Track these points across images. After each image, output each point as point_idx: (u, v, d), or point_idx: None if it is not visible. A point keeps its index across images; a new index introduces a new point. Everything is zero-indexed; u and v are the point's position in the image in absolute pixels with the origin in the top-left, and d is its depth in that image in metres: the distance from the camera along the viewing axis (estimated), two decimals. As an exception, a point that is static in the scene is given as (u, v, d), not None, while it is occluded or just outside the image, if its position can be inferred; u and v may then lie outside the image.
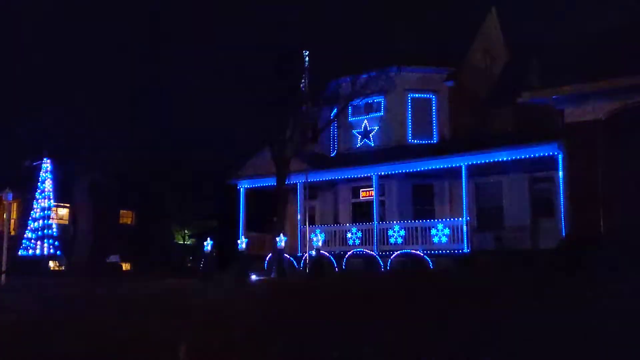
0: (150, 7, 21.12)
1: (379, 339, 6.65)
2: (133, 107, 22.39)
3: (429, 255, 18.22)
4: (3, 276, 17.78)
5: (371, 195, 20.79)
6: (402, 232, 19.37)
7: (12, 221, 27.81)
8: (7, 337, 7.90)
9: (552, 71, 15.80)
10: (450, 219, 19.13)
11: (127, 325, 8.55)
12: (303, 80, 18.20)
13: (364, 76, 18.99)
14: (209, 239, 16.52)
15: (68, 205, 28.92)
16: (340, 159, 22.60)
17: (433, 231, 18.86)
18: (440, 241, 18.66)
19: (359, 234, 20.29)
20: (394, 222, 19.93)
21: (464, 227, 18.40)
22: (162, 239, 37.69)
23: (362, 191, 22.01)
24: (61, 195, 24.72)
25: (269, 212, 20.42)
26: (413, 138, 22.04)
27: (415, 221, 19.88)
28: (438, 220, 19.49)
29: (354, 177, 21.29)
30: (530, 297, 9.44)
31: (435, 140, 21.98)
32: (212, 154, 23.72)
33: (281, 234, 17.05)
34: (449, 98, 22.30)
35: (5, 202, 19.05)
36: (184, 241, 45.63)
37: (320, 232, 20.66)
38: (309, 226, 20.28)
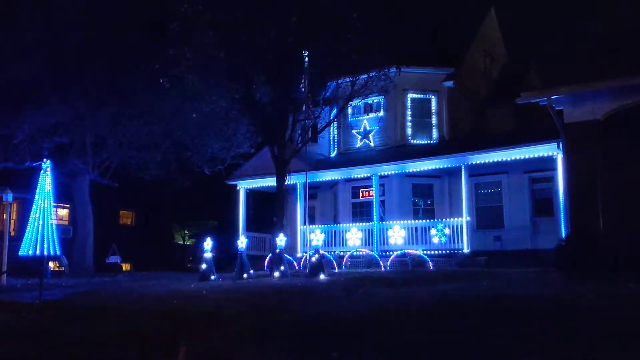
0: (150, 9, 21.11)
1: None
2: (132, 106, 22.35)
3: (429, 256, 18.24)
4: (4, 276, 17.79)
5: (371, 195, 20.83)
6: (402, 232, 19.39)
7: (12, 222, 27.82)
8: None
9: (551, 71, 15.84)
10: (450, 219, 19.16)
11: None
12: (302, 81, 18.18)
13: (364, 76, 19.00)
14: (208, 239, 16.49)
15: (68, 205, 28.93)
16: (340, 159, 22.65)
17: (433, 231, 18.89)
18: (440, 241, 18.69)
19: (359, 234, 20.32)
20: (394, 222, 19.96)
21: (464, 227, 18.45)
22: (162, 239, 37.72)
23: (362, 191, 22.05)
24: (61, 195, 24.71)
25: (269, 212, 20.40)
26: (413, 138, 22.11)
27: (415, 221, 19.91)
28: (438, 220, 19.52)
29: (353, 177, 21.34)
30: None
31: (434, 140, 22.04)
32: (212, 153, 23.71)
33: (281, 234, 17.04)
34: (449, 98, 22.38)
35: (5, 203, 19.05)
36: (184, 241, 45.67)
37: (320, 232, 20.71)
38: (309, 226, 20.31)
